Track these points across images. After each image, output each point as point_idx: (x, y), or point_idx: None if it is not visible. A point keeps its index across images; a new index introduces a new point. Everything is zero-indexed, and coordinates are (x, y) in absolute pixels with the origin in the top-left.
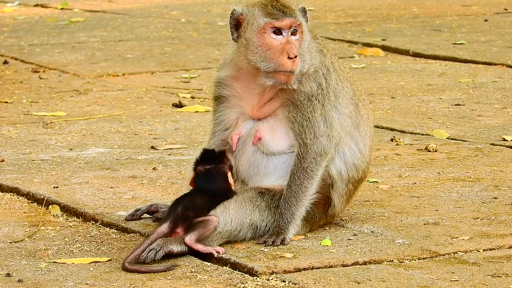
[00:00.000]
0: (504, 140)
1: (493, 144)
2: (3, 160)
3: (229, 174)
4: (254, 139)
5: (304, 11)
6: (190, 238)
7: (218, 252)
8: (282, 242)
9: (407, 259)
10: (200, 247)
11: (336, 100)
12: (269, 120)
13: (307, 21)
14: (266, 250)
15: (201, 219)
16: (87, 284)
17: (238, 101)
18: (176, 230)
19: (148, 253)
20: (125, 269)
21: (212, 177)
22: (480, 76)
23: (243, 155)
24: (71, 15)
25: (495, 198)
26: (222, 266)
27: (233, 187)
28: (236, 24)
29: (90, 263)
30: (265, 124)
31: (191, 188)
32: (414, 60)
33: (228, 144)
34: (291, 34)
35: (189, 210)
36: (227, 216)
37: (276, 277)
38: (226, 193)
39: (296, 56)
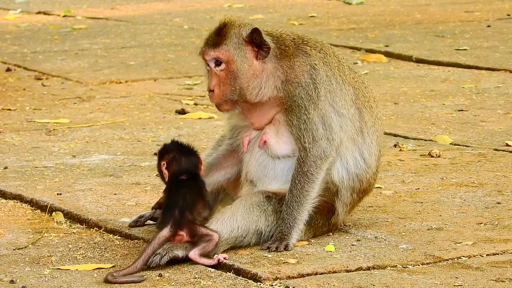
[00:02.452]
0: (507, 145)
1: (496, 150)
2: (6, 167)
3: (201, 159)
4: (260, 142)
5: (252, 33)
6: (194, 253)
7: (225, 258)
8: (286, 248)
9: (411, 264)
10: (205, 261)
11: (332, 98)
12: (275, 124)
13: (259, 43)
14: (269, 256)
15: (204, 233)
16: None
17: (243, 115)
18: (179, 233)
19: (154, 257)
20: (107, 280)
21: (187, 159)
22: (483, 81)
23: (252, 156)
24: (74, 22)
25: (498, 203)
26: (226, 272)
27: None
28: None
29: (94, 269)
30: (272, 127)
31: (162, 173)
32: (417, 66)
33: (236, 151)
34: (216, 64)
35: (186, 210)
36: (234, 223)
37: (280, 283)
38: (198, 178)
39: (212, 90)
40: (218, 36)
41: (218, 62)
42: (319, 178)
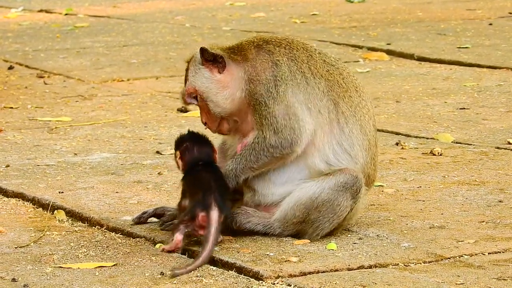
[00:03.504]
0: (509, 143)
1: (498, 148)
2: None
3: (214, 148)
4: (238, 147)
5: (201, 52)
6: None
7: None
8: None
9: (413, 263)
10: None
11: (296, 93)
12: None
13: (213, 58)
14: (271, 254)
15: None
16: None
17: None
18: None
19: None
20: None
21: (200, 148)
22: (484, 80)
23: None
24: (76, 21)
25: (500, 201)
26: (228, 271)
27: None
28: None
29: (96, 268)
30: (254, 132)
31: (179, 164)
32: (419, 64)
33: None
34: (195, 99)
35: (225, 194)
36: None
37: (282, 281)
38: (214, 165)
39: (205, 123)
40: (184, 77)
41: (194, 96)
42: (260, 163)
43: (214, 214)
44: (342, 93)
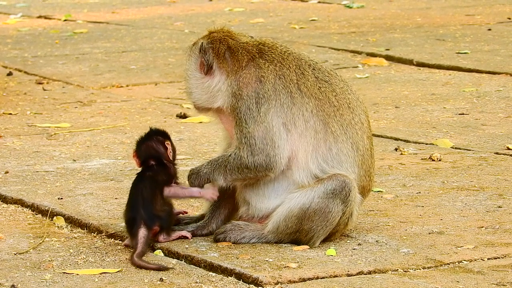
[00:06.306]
0: (508, 149)
1: (497, 153)
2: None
3: (169, 148)
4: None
5: (200, 48)
6: (163, 238)
7: (186, 236)
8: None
9: (412, 268)
10: (172, 237)
11: (278, 113)
12: None
13: (206, 55)
14: (270, 260)
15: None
16: None
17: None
18: (154, 228)
19: (220, 235)
20: (134, 263)
21: (152, 147)
22: (484, 85)
23: None
24: (75, 27)
25: (499, 207)
26: (227, 277)
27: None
28: None
29: (95, 274)
30: None
31: (135, 160)
32: (418, 69)
33: None
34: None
35: (149, 207)
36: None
37: (281, 287)
38: (167, 165)
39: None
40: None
41: None
42: (234, 178)
43: (141, 232)
44: (333, 112)
